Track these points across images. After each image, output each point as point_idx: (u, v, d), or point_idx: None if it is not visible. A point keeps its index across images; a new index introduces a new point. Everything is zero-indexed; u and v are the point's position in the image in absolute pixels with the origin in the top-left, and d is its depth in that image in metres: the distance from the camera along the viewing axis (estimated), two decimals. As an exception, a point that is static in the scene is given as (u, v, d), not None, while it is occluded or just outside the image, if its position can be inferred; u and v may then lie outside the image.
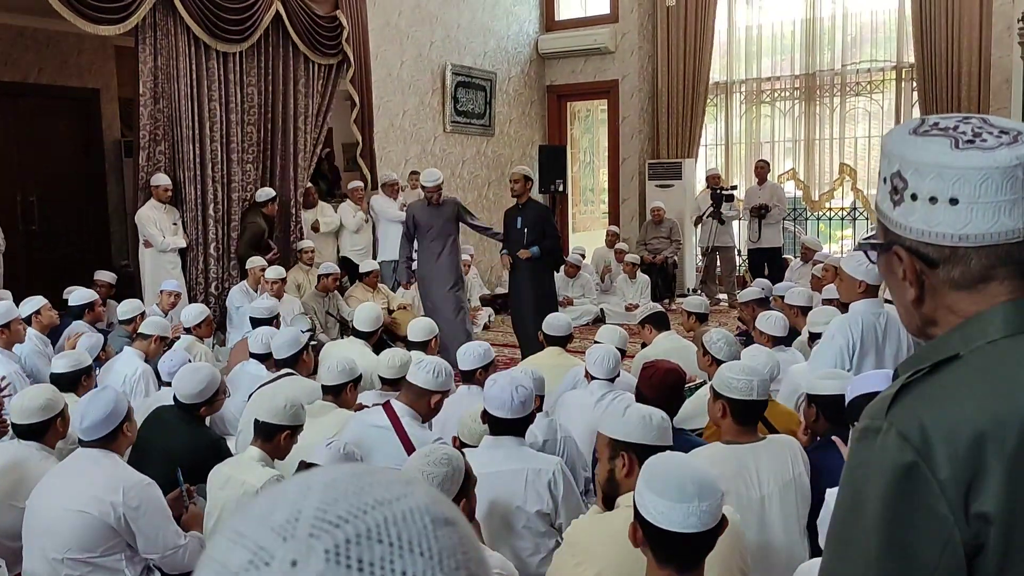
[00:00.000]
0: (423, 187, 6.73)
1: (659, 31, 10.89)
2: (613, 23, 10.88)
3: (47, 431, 3.24)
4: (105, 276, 6.99)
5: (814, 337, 4.18)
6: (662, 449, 2.17)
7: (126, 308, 5.71)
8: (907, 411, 0.92)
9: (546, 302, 6.40)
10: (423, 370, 3.34)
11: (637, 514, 1.82)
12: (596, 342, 4.39)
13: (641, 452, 2.18)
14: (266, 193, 7.45)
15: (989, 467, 0.86)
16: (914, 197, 0.97)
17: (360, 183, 8.32)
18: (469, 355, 3.91)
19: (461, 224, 6.91)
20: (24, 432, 3.22)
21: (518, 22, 10.87)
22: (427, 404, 3.34)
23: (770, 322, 4.58)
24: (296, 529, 0.51)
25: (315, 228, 8.19)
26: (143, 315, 5.63)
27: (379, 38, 8.71)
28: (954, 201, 0.94)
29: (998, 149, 0.94)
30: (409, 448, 3.17)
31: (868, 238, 1.07)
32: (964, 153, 0.94)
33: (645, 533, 1.81)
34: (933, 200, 0.95)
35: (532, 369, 3.60)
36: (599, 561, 2.14)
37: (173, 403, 3.64)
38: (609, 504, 2.29)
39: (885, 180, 1.01)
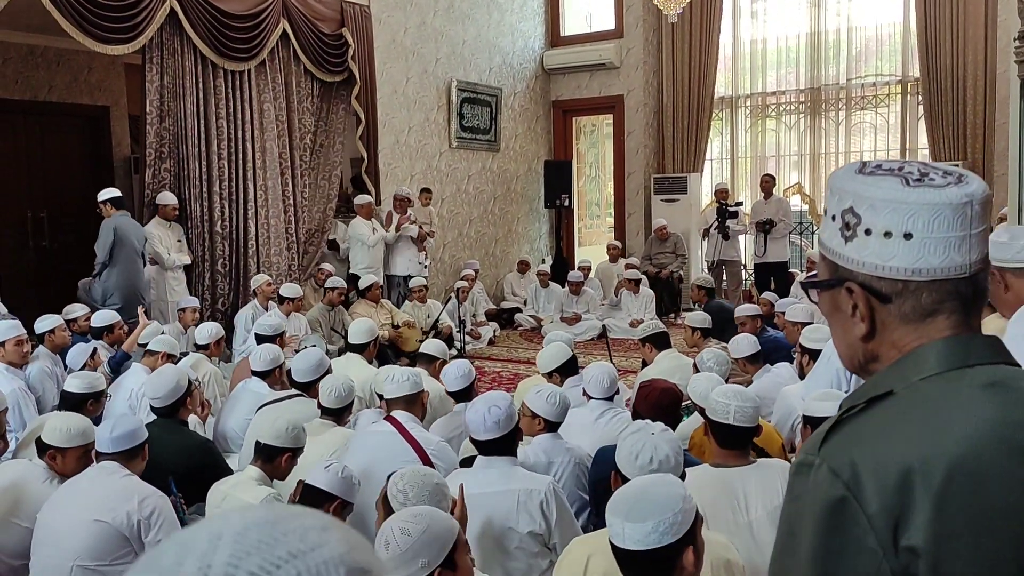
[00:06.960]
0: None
1: (664, 46, 10.93)
2: (618, 38, 10.93)
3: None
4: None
5: (805, 351, 4.20)
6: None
7: (100, 318, 5.73)
8: (839, 447, 0.95)
9: None
10: (393, 382, 3.63)
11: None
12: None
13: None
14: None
15: (917, 503, 0.88)
16: (868, 232, 0.99)
17: (370, 198, 8.33)
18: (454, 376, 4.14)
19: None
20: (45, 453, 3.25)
21: (523, 38, 10.94)
22: (420, 406, 3.69)
23: (739, 345, 4.75)
24: None
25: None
26: (120, 324, 5.73)
27: (384, 55, 8.79)
28: (908, 236, 0.97)
29: (947, 187, 0.97)
30: (417, 448, 3.33)
31: (810, 278, 1.10)
32: (916, 190, 0.97)
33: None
34: (887, 235, 0.98)
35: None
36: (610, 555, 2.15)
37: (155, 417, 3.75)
38: None
39: (834, 217, 1.03)
